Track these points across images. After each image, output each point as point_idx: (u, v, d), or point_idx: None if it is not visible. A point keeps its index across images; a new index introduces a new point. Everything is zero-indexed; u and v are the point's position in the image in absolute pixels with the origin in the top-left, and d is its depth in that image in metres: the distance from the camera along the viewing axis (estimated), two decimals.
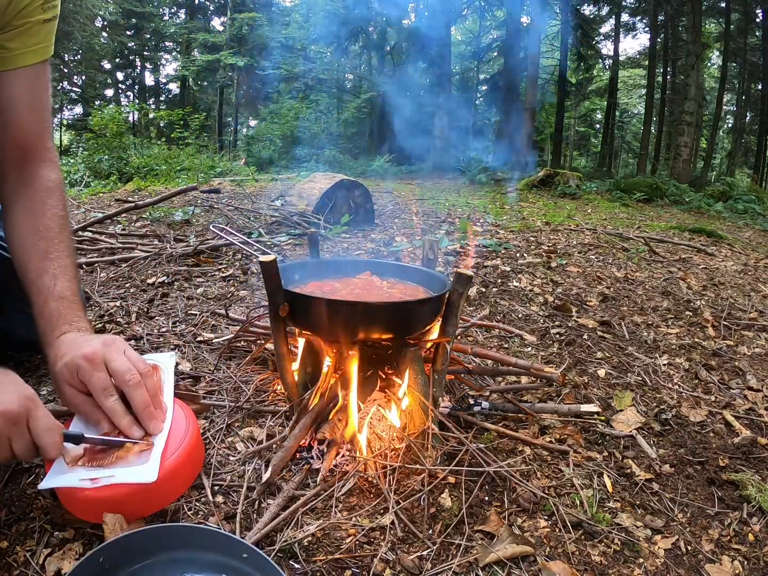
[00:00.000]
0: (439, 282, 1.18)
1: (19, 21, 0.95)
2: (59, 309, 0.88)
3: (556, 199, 7.79)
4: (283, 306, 1.02)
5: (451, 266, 2.65)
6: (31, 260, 0.93)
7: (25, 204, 0.99)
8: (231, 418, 1.12)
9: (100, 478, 0.76)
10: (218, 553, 0.71)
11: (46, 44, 1.01)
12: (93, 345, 0.83)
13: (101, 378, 0.80)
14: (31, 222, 0.97)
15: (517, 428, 1.21)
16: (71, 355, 0.81)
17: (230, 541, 0.71)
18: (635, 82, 24.40)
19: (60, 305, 0.88)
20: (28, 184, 1.01)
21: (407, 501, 0.91)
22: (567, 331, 1.87)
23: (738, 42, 16.52)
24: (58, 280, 0.91)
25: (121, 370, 0.81)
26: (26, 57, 0.98)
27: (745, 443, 1.21)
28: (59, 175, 1.06)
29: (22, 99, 1.00)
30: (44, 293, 0.89)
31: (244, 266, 2.42)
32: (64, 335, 0.86)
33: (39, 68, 1.01)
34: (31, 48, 0.98)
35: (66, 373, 0.81)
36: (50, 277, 0.91)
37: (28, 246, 0.95)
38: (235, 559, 0.70)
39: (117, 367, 0.81)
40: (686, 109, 12.79)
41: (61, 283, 0.90)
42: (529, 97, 13.69)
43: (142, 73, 25.65)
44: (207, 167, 9.10)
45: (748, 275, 3.19)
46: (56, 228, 0.97)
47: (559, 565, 0.82)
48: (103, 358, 0.81)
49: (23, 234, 0.97)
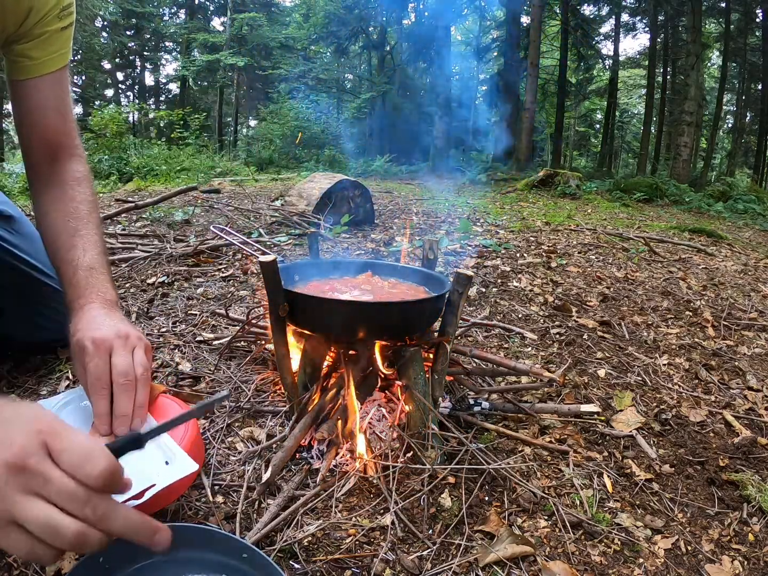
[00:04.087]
0: (440, 283, 1.18)
1: (39, 30, 1.00)
2: (88, 278, 0.91)
3: (556, 199, 7.79)
4: (283, 306, 1.02)
5: (451, 266, 2.65)
6: (61, 238, 0.97)
7: (56, 192, 1.04)
8: (231, 418, 1.12)
9: (144, 492, 0.71)
10: (218, 553, 0.71)
11: (65, 50, 1.07)
12: (106, 331, 0.82)
13: (98, 366, 0.79)
14: (61, 206, 1.02)
15: (517, 428, 1.21)
16: (83, 334, 0.82)
17: (230, 541, 0.71)
18: (635, 82, 24.40)
19: (89, 275, 0.92)
20: (59, 176, 1.07)
21: (407, 501, 0.91)
22: (567, 331, 1.87)
23: (738, 42, 16.51)
24: (87, 253, 0.95)
25: (119, 369, 0.80)
26: (48, 64, 1.04)
27: (745, 443, 1.21)
28: (87, 167, 1.12)
29: (48, 103, 1.06)
30: (73, 264, 0.92)
31: (244, 266, 2.42)
32: (90, 305, 0.87)
33: (60, 73, 1.07)
34: (51, 56, 1.04)
35: (76, 349, 0.83)
36: (80, 250, 0.95)
37: (59, 226, 0.99)
38: (235, 558, 0.70)
39: (117, 363, 0.80)
40: (686, 109, 12.79)
41: (90, 256, 0.94)
42: (528, 97, 13.69)
43: (142, 73, 25.66)
44: (207, 167, 9.11)
45: (748, 275, 3.19)
46: (85, 210, 1.02)
47: (559, 565, 0.82)
48: (110, 348, 0.81)
49: (54, 216, 1.01)
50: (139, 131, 19.44)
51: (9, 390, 1.18)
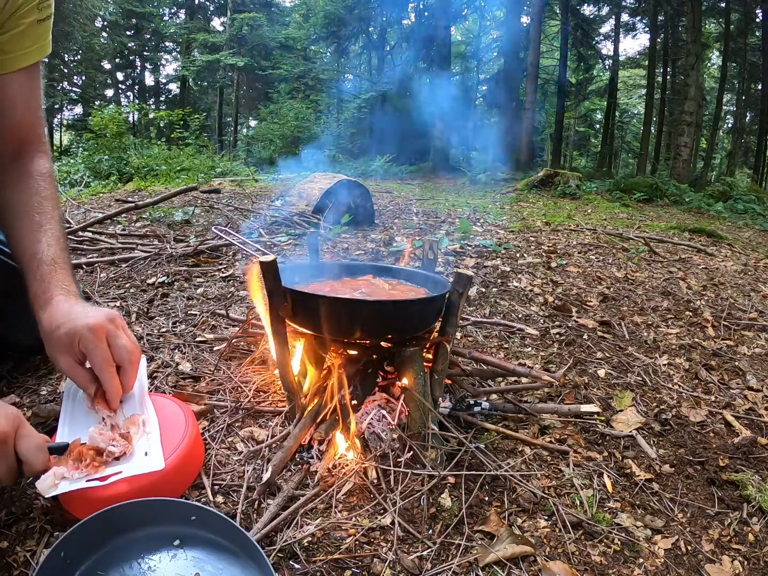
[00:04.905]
0: (440, 285, 1.18)
1: (14, 23, 0.97)
2: (51, 272, 0.93)
3: (556, 199, 7.79)
4: (283, 306, 1.02)
5: (451, 266, 2.65)
6: (26, 231, 0.99)
7: (21, 186, 1.05)
8: (231, 418, 1.12)
9: (108, 476, 0.77)
10: (169, 523, 0.73)
11: (41, 44, 1.04)
12: (97, 318, 0.86)
13: (104, 350, 0.85)
14: (26, 199, 1.02)
15: (517, 428, 1.21)
16: (73, 324, 0.84)
17: (178, 507, 0.72)
18: (635, 82, 24.39)
19: (52, 269, 0.93)
20: (24, 171, 1.06)
21: (407, 501, 0.91)
22: (567, 331, 1.87)
23: (738, 42, 16.50)
24: (51, 248, 0.96)
25: (128, 348, 0.87)
26: (21, 60, 1.01)
27: (745, 443, 1.21)
28: (51, 164, 1.13)
29: (18, 99, 1.04)
30: (38, 258, 0.94)
31: (244, 266, 2.42)
32: (57, 298, 0.89)
33: (34, 68, 1.04)
34: (25, 50, 1.01)
35: (65, 341, 0.84)
36: (44, 245, 0.96)
37: (23, 219, 1.00)
38: (185, 523, 0.72)
39: (123, 344, 0.87)
40: (686, 109, 12.79)
41: (54, 251, 0.96)
42: (528, 98, 13.69)
43: (142, 73, 25.66)
44: (207, 167, 9.10)
45: (748, 275, 3.19)
46: (50, 206, 1.03)
47: (559, 565, 0.82)
48: (107, 333, 0.86)
49: (19, 210, 1.02)
50: (139, 131, 19.41)
51: (9, 390, 1.18)
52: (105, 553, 0.70)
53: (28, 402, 1.14)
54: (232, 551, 0.71)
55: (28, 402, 1.14)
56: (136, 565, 0.70)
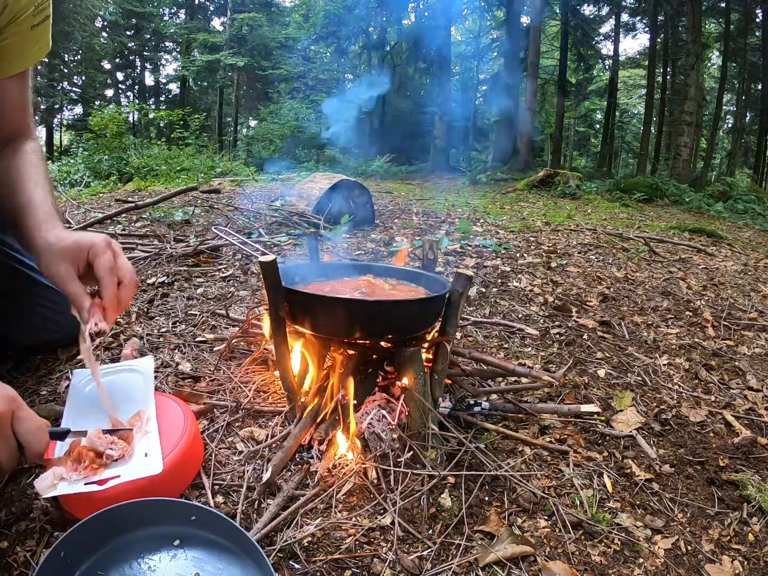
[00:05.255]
0: (440, 284, 1.18)
1: (12, 29, 0.97)
2: (49, 217, 0.94)
3: (556, 199, 7.79)
4: (283, 306, 1.02)
5: (451, 266, 2.65)
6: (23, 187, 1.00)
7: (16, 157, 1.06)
8: (231, 418, 1.12)
9: (107, 480, 0.76)
10: (169, 523, 0.72)
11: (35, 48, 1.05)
12: (105, 236, 0.89)
13: (110, 260, 0.87)
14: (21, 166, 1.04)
15: (517, 428, 1.21)
16: (82, 235, 0.87)
17: (178, 507, 0.72)
18: (635, 82, 24.38)
19: (49, 216, 0.95)
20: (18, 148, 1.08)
21: (407, 501, 0.91)
22: (567, 331, 1.87)
23: (738, 42, 16.50)
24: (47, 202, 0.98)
25: (129, 268, 0.90)
26: (17, 66, 1.02)
27: (745, 443, 1.21)
28: (40, 145, 1.15)
29: (11, 101, 1.06)
30: (34, 204, 0.95)
31: (244, 266, 2.42)
32: (59, 228, 0.91)
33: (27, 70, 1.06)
34: (20, 57, 1.02)
35: (73, 249, 0.86)
36: (41, 197, 0.98)
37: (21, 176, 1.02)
38: (185, 523, 0.72)
39: (124, 264, 0.89)
40: (686, 109, 12.78)
41: (49, 204, 0.97)
42: (528, 97, 13.69)
43: (142, 73, 25.63)
44: (207, 167, 9.09)
45: (748, 275, 3.19)
46: (42, 175, 1.05)
47: (559, 565, 0.82)
48: (113, 249, 0.89)
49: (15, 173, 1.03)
50: (139, 131, 19.39)
51: None
52: (105, 553, 0.70)
53: (28, 402, 1.14)
54: (232, 551, 0.71)
55: (28, 402, 1.14)
56: (136, 565, 0.70)
